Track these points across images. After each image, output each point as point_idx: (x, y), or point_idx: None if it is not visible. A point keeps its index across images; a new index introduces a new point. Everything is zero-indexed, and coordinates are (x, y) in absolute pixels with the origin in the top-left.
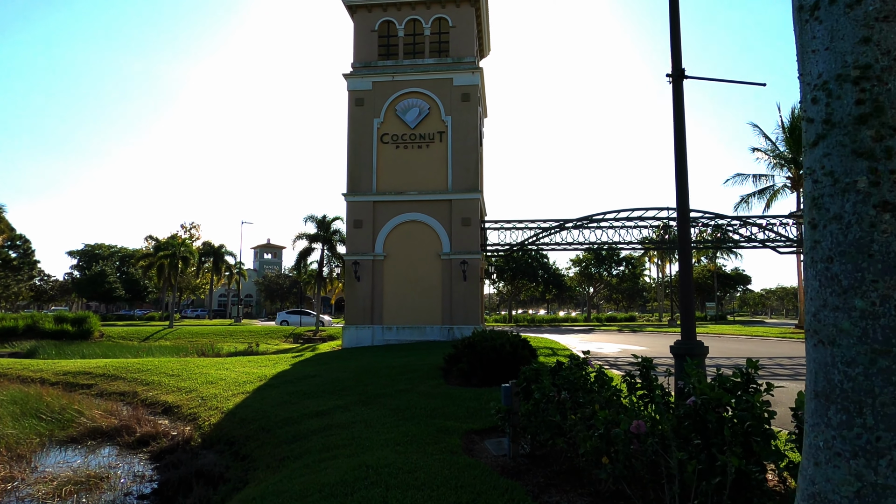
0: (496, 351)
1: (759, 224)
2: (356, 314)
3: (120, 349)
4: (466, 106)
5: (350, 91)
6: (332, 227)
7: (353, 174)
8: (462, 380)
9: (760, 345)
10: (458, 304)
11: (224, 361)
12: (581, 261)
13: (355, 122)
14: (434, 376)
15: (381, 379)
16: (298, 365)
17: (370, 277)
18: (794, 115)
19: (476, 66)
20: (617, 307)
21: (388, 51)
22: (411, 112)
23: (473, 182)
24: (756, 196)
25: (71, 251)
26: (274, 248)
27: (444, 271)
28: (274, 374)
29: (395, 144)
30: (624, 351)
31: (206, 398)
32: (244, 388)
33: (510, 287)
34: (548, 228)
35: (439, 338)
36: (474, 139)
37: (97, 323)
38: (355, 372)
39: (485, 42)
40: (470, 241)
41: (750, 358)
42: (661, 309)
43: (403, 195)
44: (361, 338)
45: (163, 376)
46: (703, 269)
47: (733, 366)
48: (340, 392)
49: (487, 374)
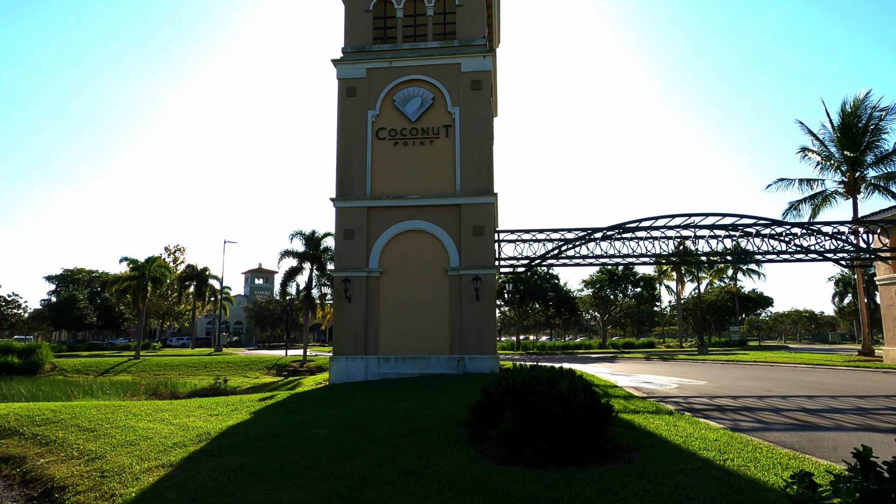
0: (563, 403)
1: (825, 233)
2: (346, 342)
3: (62, 386)
4: (477, 95)
5: (340, 80)
6: (322, 244)
7: (344, 176)
8: (506, 450)
9: (843, 377)
10: (469, 330)
11: (169, 407)
12: (595, 281)
13: (346, 116)
14: (456, 439)
15: (374, 444)
16: (263, 413)
17: (363, 298)
18: (844, 111)
19: (488, 50)
20: (624, 332)
21: (385, 34)
22: (412, 103)
23: (486, 183)
24: (807, 202)
25: (49, 276)
26: (265, 273)
27: (453, 290)
28: (221, 432)
29: (394, 141)
30: (682, 387)
31: (109, 474)
32: (169, 456)
33: (518, 310)
34: (573, 240)
35: (447, 370)
36: (487, 133)
37: (49, 354)
38: (338, 428)
39: (494, 31)
40: (483, 254)
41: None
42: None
43: (403, 200)
44: (353, 371)
45: (72, 431)
46: (721, 291)
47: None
48: (308, 471)
49: (555, 444)
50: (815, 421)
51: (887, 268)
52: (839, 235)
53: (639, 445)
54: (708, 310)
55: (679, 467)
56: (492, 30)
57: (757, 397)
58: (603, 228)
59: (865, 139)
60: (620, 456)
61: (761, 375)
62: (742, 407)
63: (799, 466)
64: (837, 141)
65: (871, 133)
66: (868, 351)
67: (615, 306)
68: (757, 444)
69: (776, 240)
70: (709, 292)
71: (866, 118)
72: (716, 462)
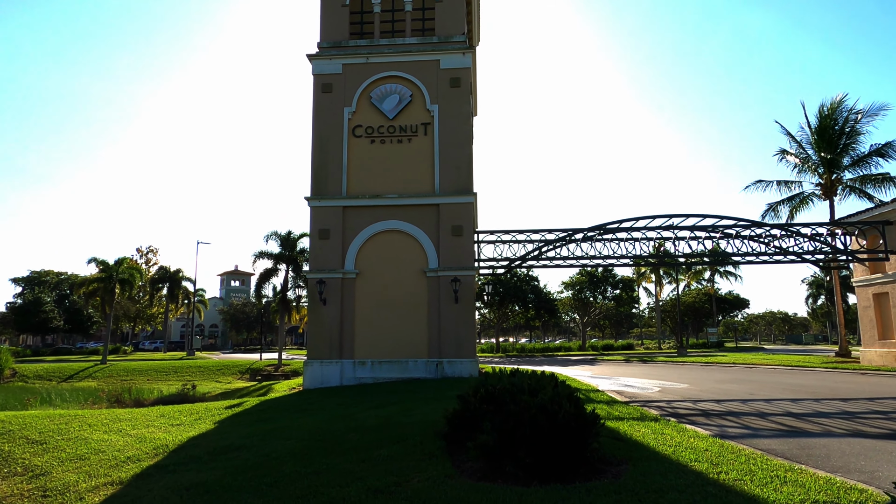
0: (546, 413)
1: (804, 234)
2: (321, 346)
3: (19, 394)
4: (456, 93)
5: (315, 75)
6: (298, 245)
7: (319, 174)
8: (485, 463)
9: (824, 378)
10: (448, 333)
11: (128, 416)
12: (574, 283)
13: (322, 112)
14: (431, 451)
15: (344, 457)
16: (228, 423)
17: (339, 300)
18: (821, 114)
19: (467, 47)
20: (603, 334)
21: (362, 29)
22: (389, 100)
23: (466, 183)
24: (784, 204)
25: (15, 278)
26: (241, 275)
27: (431, 292)
28: (180, 444)
29: (371, 138)
30: (664, 390)
31: (51, 493)
32: (119, 472)
33: (497, 312)
34: (553, 241)
35: (425, 375)
36: (466, 132)
37: (9, 360)
38: (306, 439)
39: (474, 28)
40: (462, 255)
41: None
42: (661, 335)
43: (380, 199)
44: (327, 376)
45: (20, 444)
46: (698, 293)
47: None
48: (270, 490)
49: (538, 457)
50: (803, 426)
51: (864, 269)
52: (817, 237)
53: (626, 457)
54: (686, 311)
55: (671, 482)
56: (471, 27)
57: (741, 401)
58: (584, 229)
59: (842, 141)
60: (608, 469)
61: (742, 378)
62: (727, 411)
63: (797, 479)
64: (814, 143)
65: (848, 135)
66: (845, 352)
67: (595, 308)
68: (750, 454)
69: (756, 241)
70: (686, 294)
71: (843, 121)
72: (709, 476)
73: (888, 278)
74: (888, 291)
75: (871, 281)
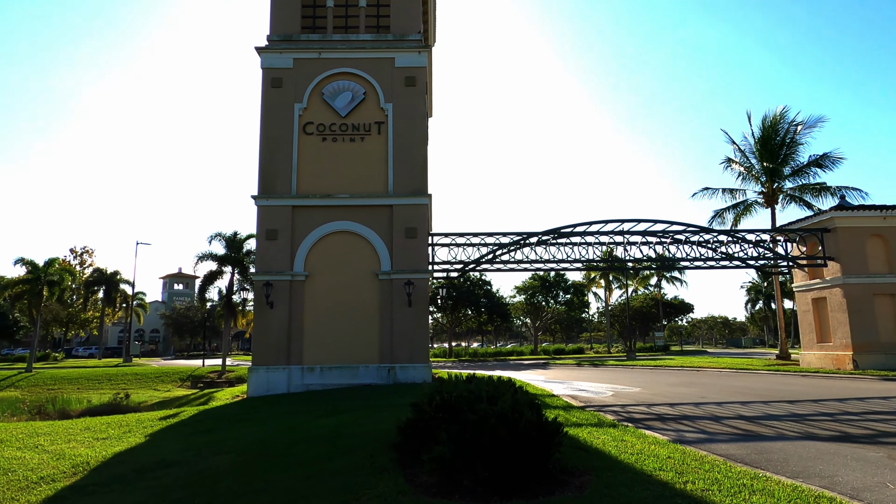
0: (507, 422)
1: (749, 240)
2: (267, 351)
3: None
4: (411, 92)
5: (265, 69)
6: (244, 246)
7: (267, 172)
8: (441, 478)
9: (768, 381)
10: (401, 337)
11: (47, 430)
12: (527, 287)
13: (271, 108)
14: (383, 464)
15: (288, 472)
16: (161, 435)
17: (287, 303)
18: (764, 125)
19: (423, 45)
20: (554, 338)
21: (315, 24)
22: (342, 97)
23: (420, 184)
24: (730, 211)
25: None
26: (186, 278)
27: (384, 295)
28: (103, 461)
29: (322, 136)
30: (618, 394)
31: None
32: (29, 495)
33: (451, 316)
34: (507, 244)
35: (376, 380)
36: (421, 132)
37: None
38: (248, 453)
39: (430, 29)
40: (416, 258)
41: None
42: (610, 339)
43: (331, 199)
44: (274, 383)
45: None
46: (646, 298)
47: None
48: None
49: (497, 470)
50: (757, 430)
51: (804, 275)
52: (761, 243)
53: (589, 467)
54: (634, 316)
55: (638, 495)
56: (427, 27)
57: (693, 404)
58: (538, 233)
59: (783, 152)
60: (570, 481)
61: (691, 381)
62: (681, 416)
63: (764, 488)
64: (758, 153)
65: (788, 146)
66: (785, 355)
67: (547, 313)
68: (713, 461)
69: (704, 247)
70: (634, 299)
71: (784, 132)
72: (676, 487)
73: (826, 284)
74: (826, 296)
75: (811, 286)
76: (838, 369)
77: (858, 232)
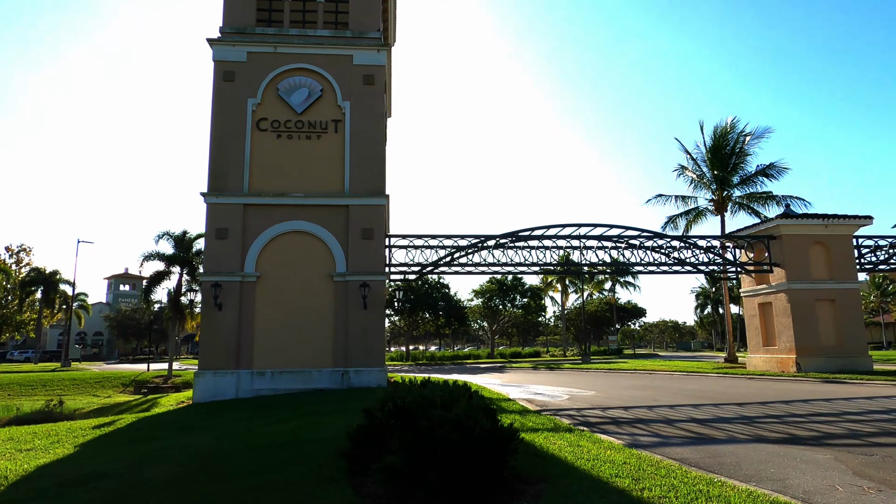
0: (461, 429)
1: (701, 246)
2: (215, 355)
3: None
4: (370, 90)
5: (217, 62)
6: (194, 246)
7: (218, 169)
8: (392, 488)
9: (717, 384)
10: (355, 341)
11: None
12: (484, 291)
13: (223, 102)
14: (331, 475)
15: (230, 484)
16: (94, 445)
17: (237, 305)
18: (715, 134)
19: (382, 44)
20: (511, 342)
21: (271, 17)
22: (298, 93)
23: (378, 184)
24: (682, 217)
25: None
26: (132, 279)
27: (339, 297)
28: (24, 474)
29: (277, 133)
30: (573, 398)
31: None
32: None
33: (408, 320)
34: (465, 247)
35: (330, 385)
36: (380, 131)
37: None
38: (188, 463)
39: (390, 28)
40: (372, 259)
41: None
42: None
43: (285, 198)
44: (221, 388)
45: None
46: (600, 302)
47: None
48: None
49: (451, 480)
50: (709, 433)
51: (751, 280)
52: (711, 249)
53: (545, 474)
54: (588, 320)
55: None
56: (387, 25)
57: (647, 407)
58: (496, 236)
59: (732, 161)
60: (526, 490)
61: (644, 384)
62: (635, 419)
63: (720, 494)
64: (709, 161)
65: (738, 156)
66: (733, 358)
67: (504, 316)
68: (668, 466)
69: (657, 252)
70: (589, 303)
71: (733, 142)
72: (634, 494)
73: (772, 289)
74: (772, 301)
75: (757, 291)
76: (783, 372)
77: (802, 239)
